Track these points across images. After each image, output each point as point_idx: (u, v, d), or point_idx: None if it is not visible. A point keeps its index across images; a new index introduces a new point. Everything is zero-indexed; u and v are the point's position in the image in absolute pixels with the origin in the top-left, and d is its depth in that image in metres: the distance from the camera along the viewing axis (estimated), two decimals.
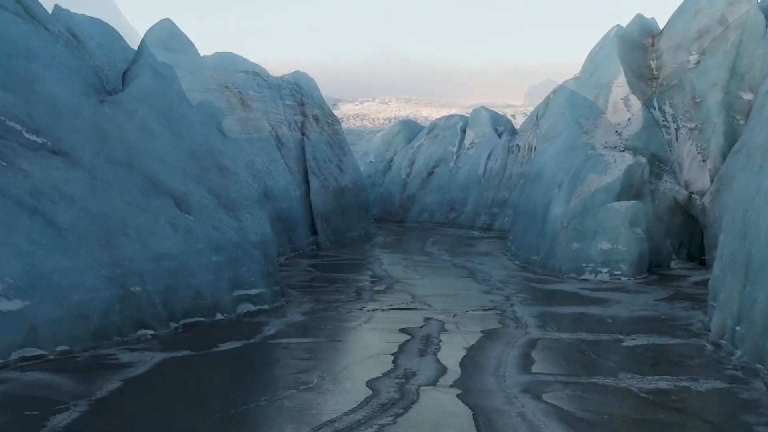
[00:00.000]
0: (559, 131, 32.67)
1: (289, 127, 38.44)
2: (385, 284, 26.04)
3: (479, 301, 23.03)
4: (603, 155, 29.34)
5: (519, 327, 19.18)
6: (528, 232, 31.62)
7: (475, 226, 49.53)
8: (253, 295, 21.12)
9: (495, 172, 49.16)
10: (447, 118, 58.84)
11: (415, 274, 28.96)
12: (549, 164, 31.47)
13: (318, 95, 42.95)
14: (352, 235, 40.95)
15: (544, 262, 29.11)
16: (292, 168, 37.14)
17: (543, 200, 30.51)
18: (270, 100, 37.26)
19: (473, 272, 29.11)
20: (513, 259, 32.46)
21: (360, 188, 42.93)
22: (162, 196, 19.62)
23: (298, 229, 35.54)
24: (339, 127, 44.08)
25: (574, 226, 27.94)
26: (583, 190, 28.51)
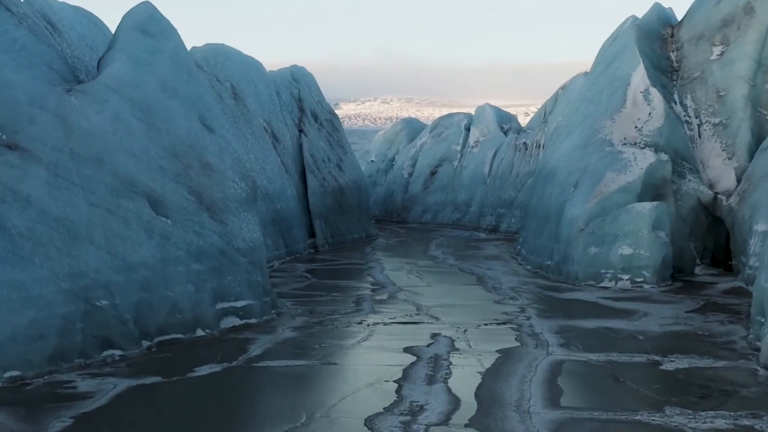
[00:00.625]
0: (573, 127, 30.12)
1: (286, 124, 35.89)
2: (387, 293, 23.51)
3: (491, 312, 20.50)
4: (622, 152, 26.78)
5: (539, 345, 16.63)
6: (540, 234, 29.08)
7: (480, 228, 46.96)
8: (239, 307, 18.60)
9: (501, 171, 46.62)
10: (450, 115, 56.25)
11: (419, 280, 26.43)
12: (562, 162, 28.93)
13: (316, 90, 40.41)
14: (352, 237, 38.41)
15: (558, 268, 26.57)
16: (289, 166, 34.61)
17: (556, 201, 27.97)
18: (265, 94, 34.71)
19: (482, 278, 26.57)
20: (523, 263, 29.92)
21: (360, 188, 40.41)
22: (135, 196, 17.10)
23: (294, 231, 33.02)
24: (339, 124, 41.55)
25: (591, 229, 25.40)
26: (601, 190, 25.97)
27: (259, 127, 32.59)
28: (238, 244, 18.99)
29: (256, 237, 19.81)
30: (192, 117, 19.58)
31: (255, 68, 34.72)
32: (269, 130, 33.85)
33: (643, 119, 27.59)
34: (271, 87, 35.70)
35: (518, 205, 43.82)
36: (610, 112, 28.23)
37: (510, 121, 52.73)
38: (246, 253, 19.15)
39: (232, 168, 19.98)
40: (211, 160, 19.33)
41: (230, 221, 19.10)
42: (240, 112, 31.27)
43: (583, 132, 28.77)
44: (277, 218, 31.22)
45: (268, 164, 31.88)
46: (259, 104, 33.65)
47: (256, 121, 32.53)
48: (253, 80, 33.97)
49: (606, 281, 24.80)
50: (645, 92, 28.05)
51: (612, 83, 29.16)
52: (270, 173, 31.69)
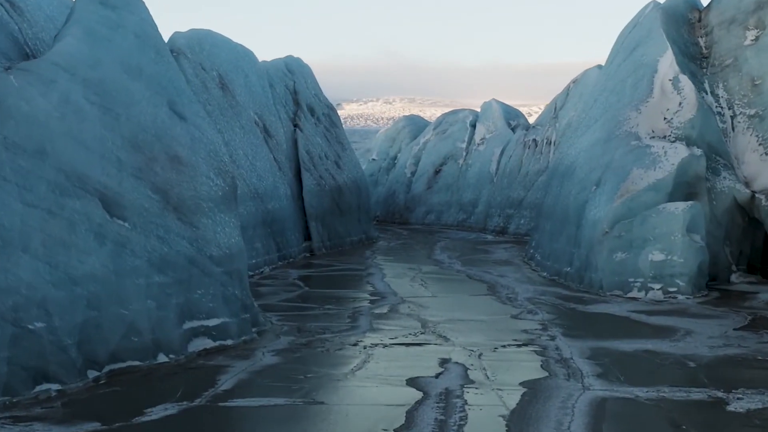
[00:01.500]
0: (592, 120, 26.89)
1: (279, 118, 32.70)
2: (387, 304, 20.33)
3: (508, 330, 17.31)
4: (650, 146, 23.57)
5: (572, 376, 13.43)
6: (556, 238, 25.88)
7: (487, 229, 43.76)
8: (211, 327, 15.41)
9: (509, 169, 43.41)
10: (455, 112, 53.00)
11: (424, 289, 23.22)
12: (582, 158, 25.72)
13: (313, 83, 37.22)
14: (351, 239, 35.22)
15: (579, 275, 23.37)
16: (282, 163, 31.44)
17: (576, 201, 24.76)
18: (257, 85, 31.53)
19: (494, 287, 23.38)
20: (538, 269, 26.72)
21: (360, 187, 37.21)
22: (84, 195, 13.93)
23: (288, 233, 29.84)
24: (337, 119, 38.33)
25: (617, 233, 22.19)
26: (627, 189, 22.76)
27: (249, 120, 29.42)
28: (211, 250, 15.81)
29: (234, 242, 16.62)
30: (159, 102, 16.40)
31: (246, 57, 31.54)
32: (261, 124, 30.67)
33: (672, 110, 24.35)
34: (263, 78, 32.51)
35: (528, 205, 40.67)
36: (635, 103, 25.00)
37: (518, 117, 49.51)
38: (221, 262, 15.96)
39: (207, 162, 16.79)
40: (180, 153, 16.14)
41: (202, 224, 15.92)
42: (228, 103, 28.09)
43: (605, 125, 25.55)
44: (268, 219, 28.05)
45: (258, 161, 28.70)
46: (249, 96, 30.47)
47: (246, 114, 29.35)
48: (243, 70, 30.78)
49: (634, 291, 21.60)
50: (674, 80, 24.81)
51: (636, 71, 25.93)
52: (261, 170, 28.52)
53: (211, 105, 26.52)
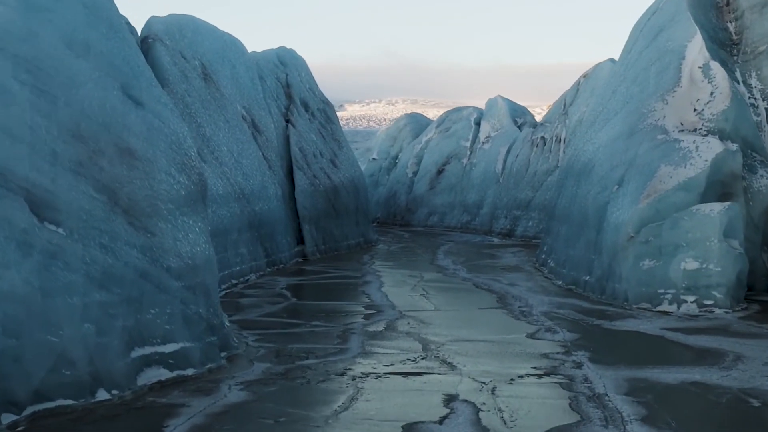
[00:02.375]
0: (612, 112, 23.99)
1: (270, 112, 29.87)
2: (384, 320, 17.45)
3: (525, 354, 14.42)
4: (679, 141, 20.68)
5: (611, 421, 10.51)
6: (573, 243, 23.01)
7: (492, 232, 40.88)
8: (167, 354, 12.56)
9: (516, 169, 40.53)
10: (459, 109, 50.09)
11: (426, 301, 20.35)
12: (601, 155, 22.83)
13: (308, 76, 34.36)
14: (347, 243, 32.37)
15: (600, 285, 20.50)
16: (273, 162, 28.59)
17: (595, 202, 21.89)
18: (245, 77, 28.69)
19: (504, 298, 20.52)
20: (552, 277, 23.86)
21: (358, 187, 34.35)
22: (5, 194, 11.09)
23: (277, 237, 26.99)
24: (333, 115, 35.45)
25: (644, 238, 19.32)
26: (654, 188, 19.89)
27: (235, 114, 26.57)
28: (169, 261, 12.95)
29: (200, 251, 13.75)
30: (110, 85, 13.55)
31: (233, 47, 28.70)
32: (249, 118, 27.83)
33: (703, 100, 21.44)
34: (252, 70, 29.68)
35: (536, 206, 37.79)
36: (661, 93, 22.10)
37: (524, 114, 46.62)
38: (182, 275, 13.10)
39: (168, 156, 13.93)
40: (134, 145, 13.28)
41: (159, 230, 13.06)
42: (211, 96, 25.25)
43: (627, 118, 22.65)
44: (255, 222, 25.21)
45: (245, 158, 25.86)
46: (236, 88, 27.63)
47: (232, 107, 26.51)
48: (230, 60, 27.94)
49: (665, 304, 18.72)
50: (704, 67, 21.90)
51: (661, 58, 23.02)
52: (247, 169, 25.68)
53: (191, 96, 23.70)
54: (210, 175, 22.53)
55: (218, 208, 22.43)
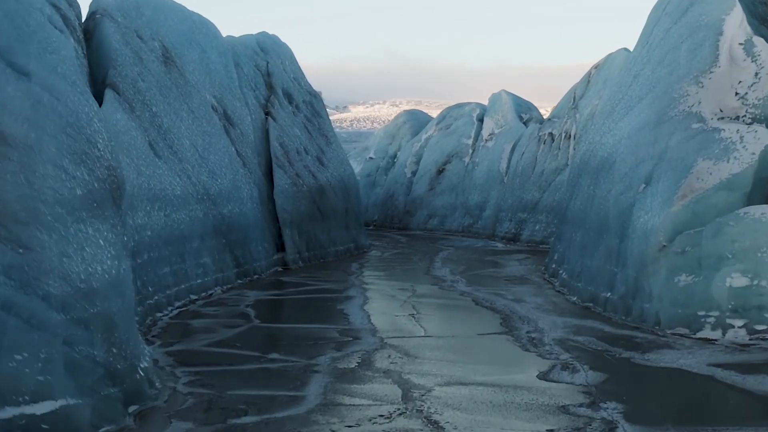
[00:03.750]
0: (634, 99, 20.21)
1: (246, 103, 26.17)
2: (359, 352, 13.70)
3: (537, 406, 10.64)
4: (719, 130, 16.91)
5: None
6: (590, 252, 19.25)
7: (496, 236, 37.17)
8: (40, 416, 8.85)
9: (521, 168, 36.79)
10: (461, 105, 46.35)
11: (415, 323, 16.59)
12: (624, 148, 19.05)
13: (293, 65, 30.68)
14: (335, 249, 28.69)
15: (625, 305, 16.73)
16: (248, 158, 24.90)
17: (618, 203, 18.12)
18: (217, 64, 25.02)
19: (509, 319, 16.77)
20: (565, 291, 20.13)
21: (349, 188, 30.66)
22: None
23: (251, 243, 23.29)
24: (321, 108, 31.72)
25: (680, 247, 15.55)
26: (691, 187, 16.11)
27: (203, 104, 22.89)
28: (48, 286, 9.22)
29: (101, 270, 10.02)
30: None
31: (203, 29, 25.02)
32: (220, 109, 24.15)
33: (746, 82, 17.65)
34: (227, 56, 25.99)
35: (543, 208, 34.07)
36: (695, 74, 18.31)
37: (530, 110, 42.88)
38: (69, 304, 9.38)
39: (60, 143, 10.22)
40: (7, 127, 9.61)
41: (38, 242, 9.35)
42: (172, 81, 21.56)
43: (653, 104, 18.87)
44: (222, 227, 21.52)
45: (212, 154, 22.18)
46: (206, 75, 23.95)
47: (198, 96, 22.83)
48: (198, 44, 24.27)
49: (706, 329, 14.95)
50: (746, 44, 18.12)
51: (693, 35, 19.21)
52: (215, 165, 22.00)
53: (145, 81, 20.01)
54: (165, 172, 18.88)
55: (174, 212, 18.76)
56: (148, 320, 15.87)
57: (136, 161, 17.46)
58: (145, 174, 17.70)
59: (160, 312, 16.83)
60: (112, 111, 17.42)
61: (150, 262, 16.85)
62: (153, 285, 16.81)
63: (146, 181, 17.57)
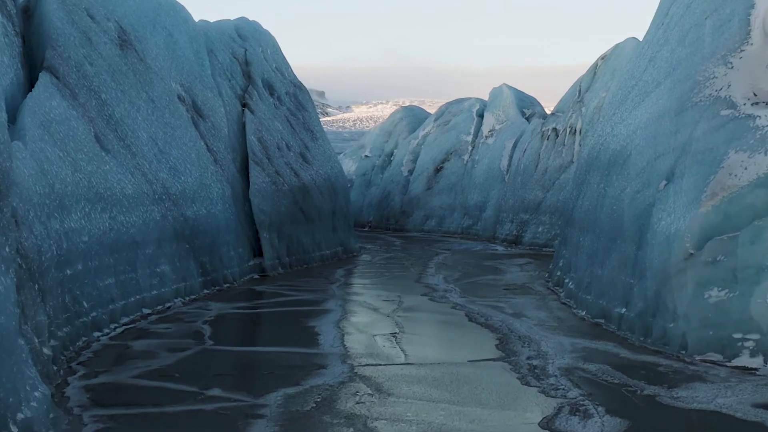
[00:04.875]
0: (652, 83, 17.47)
1: (220, 94, 23.49)
2: (321, 387, 10.97)
3: None
4: (754, 117, 14.16)
5: None
6: (600, 259, 16.49)
7: (497, 238, 34.47)
8: None
9: (524, 166, 34.06)
10: (460, 100, 43.60)
11: (395, 346, 13.84)
12: (640, 140, 16.29)
13: (276, 54, 28.00)
14: (321, 253, 25.99)
15: (644, 323, 13.96)
16: (220, 154, 22.21)
17: (634, 204, 15.36)
18: (186, 50, 22.35)
19: (507, 340, 14.04)
20: (571, 304, 17.42)
21: (336, 187, 27.97)
22: None
23: (222, 249, 20.60)
24: (307, 101, 28.98)
25: (710, 256, 12.81)
26: (722, 184, 13.37)
27: (166, 93, 20.20)
28: None
29: None
30: None
31: (170, 11, 22.33)
32: (188, 99, 21.48)
33: None
34: (198, 42, 23.32)
35: (547, 208, 31.35)
36: (723, 54, 15.53)
37: (533, 105, 40.14)
38: None
39: None
40: None
41: None
42: (129, 67, 18.88)
43: (674, 89, 16.10)
44: (185, 231, 18.83)
45: (175, 148, 19.50)
46: (172, 62, 21.28)
47: (161, 84, 20.15)
48: (164, 27, 21.60)
49: (744, 356, 12.21)
50: None
51: (720, 9, 16.41)
52: (178, 162, 19.32)
53: (94, 66, 17.32)
54: (113, 168, 16.21)
55: (122, 214, 16.07)
56: (79, 342, 13.21)
57: (74, 155, 14.78)
58: (85, 170, 15.02)
59: (98, 331, 14.17)
60: (46, 97, 14.77)
61: (86, 272, 14.17)
62: (90, 299, 14.14)
63: (85, 178, 14.88)
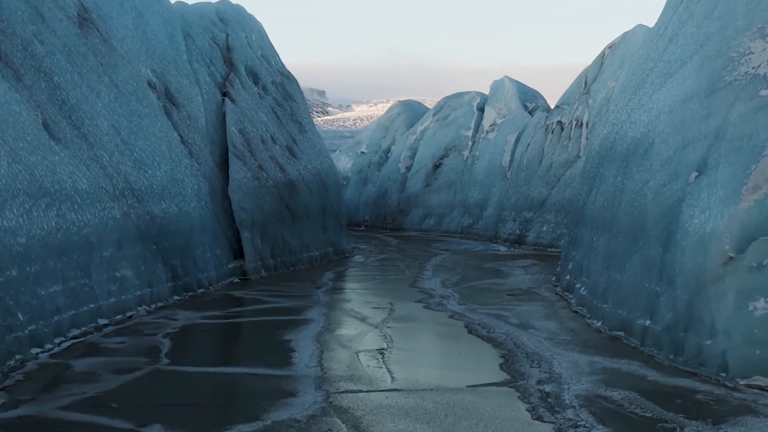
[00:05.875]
0: (677, 62, 15.28)
1: (197, 81, 21.34)
2: (285, 423, 8.81)
3: None
4: None
5: None
6: (619, 262, 14.30)
7: (498, 238, 32.33)
8: None
9: (527, 161, 31.91)
10: (459, 94, 41.42)
11: (381, 366, 11.65)
12: (664, 125, 14.11)
13: (261, 40, 25.85)
14: (309, 255, 23.84)
15: (673, 339, 11.77)
16: (196, 146, 20.07)
17: (659, 199, 13.17)
18: (159, 32, 20.21)
19: (513, 358, 11.87)
20: (584, 312, 15.27)
21: (327, 183, 25.81)
22: None
23: (196, 250, 18.46)
24: (296, 92, 26.82)
25: (756, 260, 10.65)
26: (765, 176, 11.21)
27: (134, 78, 18.06)
28: None
29: None
30: None
31: None
32: (160, 86, 19.33)
33: None
34: (173, 24, 21.18)
35: (552, 206, 29.20)
36: (760, 25, 13.36)
37: (536, 98, 37.97)
38: None
39: None
40: None
41: None
42: (89, 48, 16.74)
43: (703, 68, 13.92)
44: (152, 231, 16.67)
45: (142, 139, 17.35)
46: (141, 44, 19.14)
47: (128, 68, 18.00)
48: (134, 7, 19.45)
49: None
50: None
51: None
52: (143, 153, 17.17)
53: (45, 44, 15.19)
54: (63, 159, 14.09)
55: (73, 211, 13.93)
56: (11, 361, 11.08)
57: (12, 143, 12.65)
58: (27, 161, 12.88)
59: (38, 347, 12.04)
60: None
61: (22, 279, 12.03)
62: (27, 310, 12.01)
63: (26, 170, 12.75)
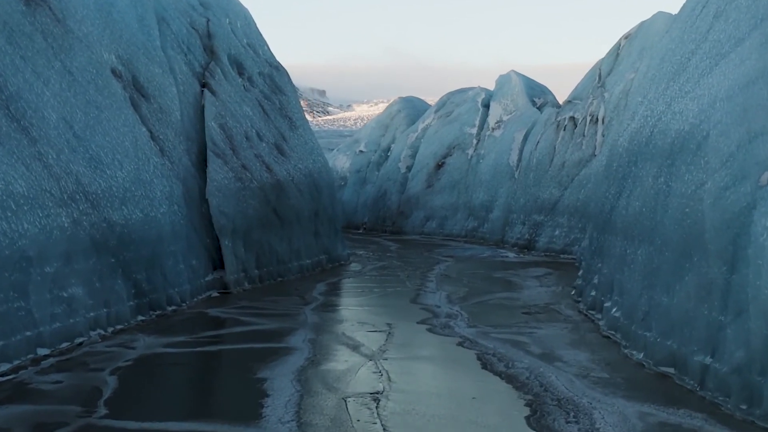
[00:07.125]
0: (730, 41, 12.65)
1: (171, 70, 18.73)
2: None
3: None
4: None
5: None
6: (665, 281, 11.66)
7: (506, 242, 29.74)
8: None
9: (536, 160, 29.31)
10: (463, 90, 38.78)
11: (374, 419, 9.04)
12: (721, 115, 11.50)
13: (247, 28, 23.23)
14: (300, 264, 21.25)
15: (745, 383, 9.15)
16: (168, 143, 17.47)
17: (719, 205, 10.55)
18: (128, 15, 17.62)
19: (542, 409, 9.26)
20: (618, 339, 12.65)
21: (320, 184, 23.20)
22: None
23: (166, 262, 15.84)
24: (285, 84, 24.15)
25: None
26: None
27: (93, 64, 15.45)
28: None
29: None
30: None
31: None
32: (126, 74, 16.72)
33: None
34: (144, 6, 18.57)
35: (564, 209, 26.61)
36: None
37: (544, 93, 35.36)
38: None
39: None
40: None
41: None
42: (37, 28, 14.13)
43: (767, 45, 11.31)
44: (110, 241, 14.06)
45: (100, 135, 14.74)
46: (105, 27, 16.53)
47: (87, 53, 15.38)
48: None
49: None
50: None
51: None
52: (101, 150, 14.56)
53: None
54: None
55: (4, 220, 11.34)
56: None
57: None
58: None
59: None
60: None
61: None
62: None
63: None
